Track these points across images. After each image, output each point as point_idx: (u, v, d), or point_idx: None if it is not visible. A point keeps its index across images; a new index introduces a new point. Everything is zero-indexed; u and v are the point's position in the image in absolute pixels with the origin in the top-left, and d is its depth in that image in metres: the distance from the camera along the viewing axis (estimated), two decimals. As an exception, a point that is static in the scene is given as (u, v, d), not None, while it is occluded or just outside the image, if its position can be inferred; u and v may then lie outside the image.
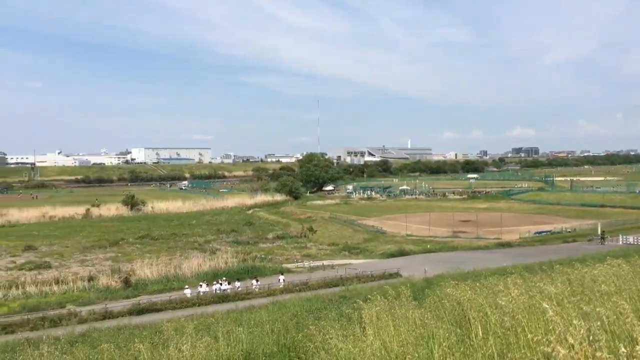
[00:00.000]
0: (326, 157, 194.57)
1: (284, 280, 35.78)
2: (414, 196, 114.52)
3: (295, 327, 12.35)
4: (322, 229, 66.02)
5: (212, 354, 7.94)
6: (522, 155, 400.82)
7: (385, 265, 42.12)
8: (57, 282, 35.20)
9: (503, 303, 6.23)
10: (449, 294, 8.59)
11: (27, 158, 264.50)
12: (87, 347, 10.71)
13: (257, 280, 35.33)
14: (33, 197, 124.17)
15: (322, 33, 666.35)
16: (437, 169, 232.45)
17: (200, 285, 33.79)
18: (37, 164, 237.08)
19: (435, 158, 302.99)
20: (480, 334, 5.99)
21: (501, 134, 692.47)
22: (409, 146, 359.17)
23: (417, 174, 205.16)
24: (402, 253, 49.14)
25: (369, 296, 10.75)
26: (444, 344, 5.38)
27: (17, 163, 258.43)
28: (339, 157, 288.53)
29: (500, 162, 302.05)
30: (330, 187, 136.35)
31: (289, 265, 43.69)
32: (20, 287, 33.82)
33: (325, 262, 44.87)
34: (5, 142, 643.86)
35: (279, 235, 60.82)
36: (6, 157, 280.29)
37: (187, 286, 33.44)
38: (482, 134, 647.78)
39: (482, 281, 9.88)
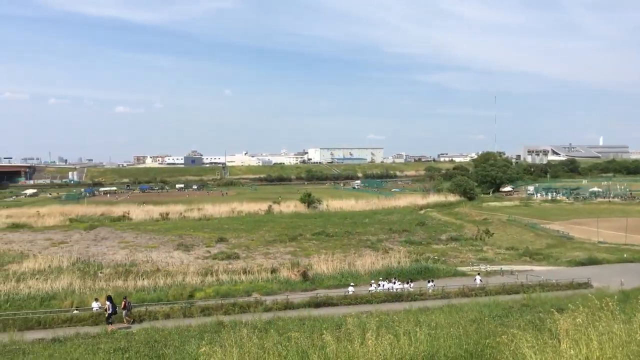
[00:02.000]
0: (504, 156, 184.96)
1: (480, 280, 35.54)
2: (606, 199, 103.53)
3: (476, 332, 11.77)
4: (500, 231, 62.69)
5: (395, 351, 7.85)
6: None
7: (573, 273, 38.54)
8: (244, 272, 38.26)
9: None
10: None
11: (219, 158, 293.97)
12: (275, 333, 11.36)
13: (431, 282, 35.02)
14: (222, 194, 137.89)
15: (499, 25, 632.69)
16: (635, 169, 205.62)
17: (371, 284, 34.26)
18: (227, 164, 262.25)
19: (634, 157, 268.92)
20: None
21: None
22: (601, 143, 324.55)
23: (611, 174, 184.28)
24: (592, 261, 44.52)
25: (562, 307, 9.75)
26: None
27: (211, 163, 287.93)
28: (518, 156, 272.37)
29: None
30: (508, 188, 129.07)
31: (463, 269, 42.19)
32: (214, 274, 37.38)
33: (504, 267, 42.46)
34: (201, 144, 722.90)
35: (452, 237, 59.15)
36: (202, 157, 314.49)
37: (352, 283, 34.10)
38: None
39: None
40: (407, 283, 34.81)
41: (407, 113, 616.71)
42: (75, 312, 27.16)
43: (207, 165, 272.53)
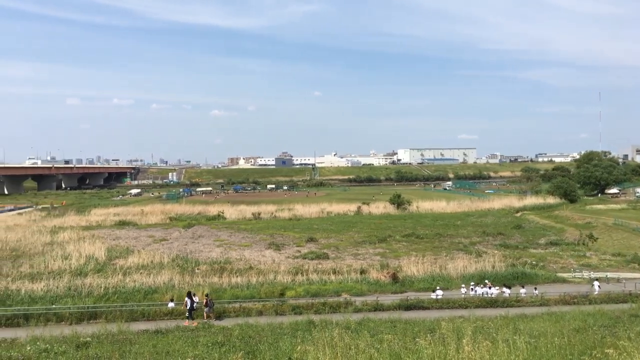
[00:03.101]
0: (609, 155, 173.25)
1: (598, 286, 33.71)
2: None
3: (580, 342, 11.00)
4: (605, 236, 58.55)
5: (494, 359, 7.50)
6: None
7: (693, 283, 35.17)
8: (334, 272, 38.44)
9: None
10: None
11: (308, 159, 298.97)
12: (367, 334, 11.28)
13: (530, 288, 33.43)
14: (307, 195, 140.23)
15: (606, 16, 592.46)
16: None
17: (461, 288, 33.24)
18: (317, 165, 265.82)
19: None
20: None
21: None
22: None
23: None
24: None
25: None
26: None
27: (300, 164, 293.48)
28: (626, 155, 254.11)
29: None
30: (614, 190, 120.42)
31: (564, 275, 39.79)
32: (304, 274, 37.92)
33: (609, 274, 39.58)
34: (292, 146, 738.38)
35: (552, 241, 55.97)
36: (292, 158, 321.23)
37: (439, 287, 33.18)
38: None
39: None
40: (509, 288, 33.34)
41: (502, 111, 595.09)
42: (171, 305, 28.49)
43: (297, 167, 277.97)
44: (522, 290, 32.92)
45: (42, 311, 27.14)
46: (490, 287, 33.34)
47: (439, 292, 31.86)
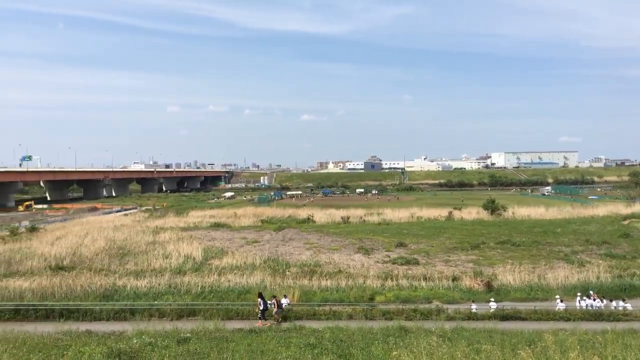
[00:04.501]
0: None
1: None
2: None
3: None
4: None
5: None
6: None
7: None
8: (424, 278, 37.65)
9: None
10: None
11: (397, 163, 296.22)
12: (464, 343, 10.91)
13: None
14: (388, 200, 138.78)
15: None
16: None
17: (556, 299, 31.17)
18: (406, 169, 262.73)
19: None
20: None
21: None
22: None
23: None
24: None
25: None
26: None
27: (390, 168, 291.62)
28: None
29: None
30: None
31: (680, 289, 36.35)
32: (393, 279, 37.48)
33: None
34: (381, 149, 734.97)
35: (665, 252, 51.41)
36: (381, 162, 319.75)
37: (558, 296, 31.31)
38: None
39: None
40: (623, 300, 30.89)
41: (607, 112, 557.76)
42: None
43: (386, 171, 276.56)
44: (627, 304, 30.35)
45: (146, 307, 28.90)
46: (594, 299, 31.16)
47: (560, 304, 29.95)
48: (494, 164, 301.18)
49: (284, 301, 29.64)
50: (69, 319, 26.88)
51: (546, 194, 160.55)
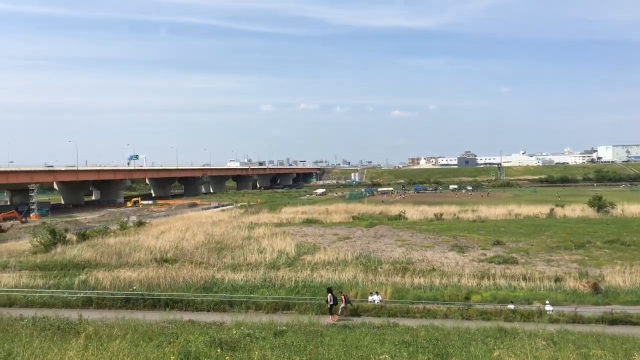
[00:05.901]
0: None
1: None
2: None
3: None
4: None
5: None
6: None
7: None
8: (524, 278, 35.97)
9: None
10: None
11: (493, 159, 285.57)
12: (571, 347, 10.27)
13: None
14: (482, 195, 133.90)
15: None
16: None
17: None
18: (503, 164, 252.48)
19: None
20: None
21: None
22: None
23: None
24: None
25: None
26: None
27: (485, 163, 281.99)
28: None
29: None
30: None
31: None
32: (490, 278, 36.12)
33: None
34: (475, 145, 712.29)
35: None
36: (476, 158, 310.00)
37: None
38: None
39: None
40: None
41: None
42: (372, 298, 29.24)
43: (482, 166, 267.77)
44: None
45: (243, 299, 30.06)
46: None
47: None
48: (601, 157, 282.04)
49: (376, 297, 29.53)
50: (174, 309, 28.53)
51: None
